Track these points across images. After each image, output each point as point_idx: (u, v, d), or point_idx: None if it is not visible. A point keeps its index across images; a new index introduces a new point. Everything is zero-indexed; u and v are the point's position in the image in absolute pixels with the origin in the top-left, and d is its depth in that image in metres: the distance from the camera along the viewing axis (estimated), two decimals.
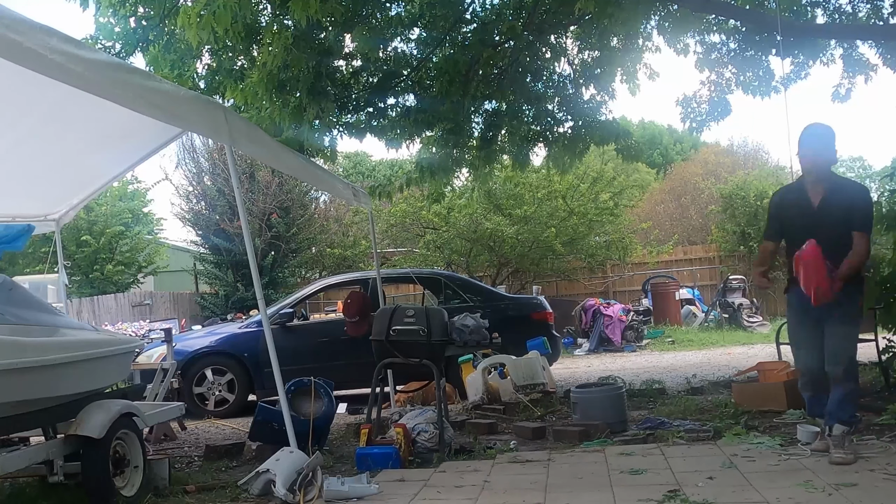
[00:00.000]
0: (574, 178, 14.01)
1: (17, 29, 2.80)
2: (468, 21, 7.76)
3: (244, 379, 7.90)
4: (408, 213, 15.25)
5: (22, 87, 3.76)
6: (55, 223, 6.16)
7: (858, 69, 7.96)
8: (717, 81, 8.41)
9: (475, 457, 4.87)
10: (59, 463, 4.07)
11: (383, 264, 13.64)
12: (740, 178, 18.40)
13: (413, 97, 7.85)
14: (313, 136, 6.98)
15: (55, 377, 3.97)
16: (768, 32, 7.43)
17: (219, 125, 4.26)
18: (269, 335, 4.43)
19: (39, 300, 4.92)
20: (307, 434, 4.68)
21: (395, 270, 12.54)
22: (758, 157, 28.29)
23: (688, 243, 19.65)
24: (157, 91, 3.75)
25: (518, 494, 3.82)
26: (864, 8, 7.99)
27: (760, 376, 6.03)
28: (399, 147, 8.02)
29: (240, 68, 6.86)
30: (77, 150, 5.06)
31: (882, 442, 4.38)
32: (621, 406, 5.57)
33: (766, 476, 3.78)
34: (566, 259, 15.43)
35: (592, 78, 8.24)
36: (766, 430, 4.94)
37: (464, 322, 5.77)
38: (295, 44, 5.92)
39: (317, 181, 7.36)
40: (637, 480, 3.92)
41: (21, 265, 15.37)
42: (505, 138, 8.51)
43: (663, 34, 7.82)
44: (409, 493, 3.98)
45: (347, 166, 29.55)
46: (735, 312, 14.03)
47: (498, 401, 6.68)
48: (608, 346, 12.70)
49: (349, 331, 6.52)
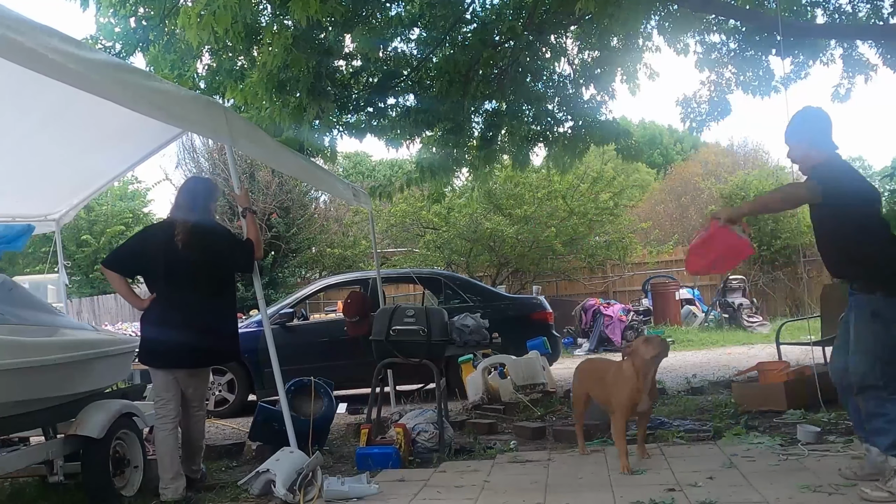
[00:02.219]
0: (574, 178, 14.01)
1: (18, 29, 2.80)
2: (468, 21, 7.77)
3: (244, 379, 7.90)
4: (408, 213, 15.25)
5: (22, 88, 3.76)
6: (55, 223, 6.15)
7: (858, 69, 7.96)
8: (717, 81, 8.41)
9: (475, 457, 4.87)
10: (59, 463, 4.08)
11: (383, 264, 13.63)
12: (740, 178, 18.40)
13: (413, 97, 7.86)
14: (313, 136, 6.98)
15: (55, 377, 3.97)
16: (768, 32, 7.43)
17: (219, 125, 4.26)
18: (269, 335, 4.43)
19: (39, 300, 4.92)
20: (307, 434, 4.67)
21: (395, 270, 12.54)
22: (758, 157, 28.29)
23: (688, 243, 19.60)
24: (157, 91, 3.75)
25: (518, 494, 3.82)
26: (863, 8, 7.99)
27: (760, 376, 6.02)
28: (399, 147, 8.03)
29: (240, 68, 6.86)
30: (77, 150, 5.05)
31: None
32: None
33: (766, 476, 3.78)
34: (566, 259, 15.43)
35: (592, 78, 8.24)
36: (766, 430, 4.94)
37: (464, 322, 5.77)
38: (295, 44, 5.92)
39: (317, 181, 7.35)
40: (637, 480, 3.92)
41: (21, 265, 15.38)
42: (505, 138, 8.51)
43: (663, 34, 7.83)
44: (409, 493, 3.98)
45: (347, 166, 29.56)
46: (735, 312, 14.02)
47: (498, 401, 6.67)
48: (608, 346, 12.69)
49: (349, 331, 6.51)
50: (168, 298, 4.35)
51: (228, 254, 4.40)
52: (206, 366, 4.59)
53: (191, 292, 4.30)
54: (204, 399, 4.62)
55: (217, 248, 4.38)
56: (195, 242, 4.32)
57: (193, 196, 4.55)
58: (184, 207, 4.48)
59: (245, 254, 4.38)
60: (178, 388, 4.36)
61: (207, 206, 4.56)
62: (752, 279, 15.76)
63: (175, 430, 4.35)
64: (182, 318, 4.26)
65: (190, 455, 4.53)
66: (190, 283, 4.30)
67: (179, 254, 4.31)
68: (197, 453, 4.60)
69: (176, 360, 4.32)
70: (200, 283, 4.31)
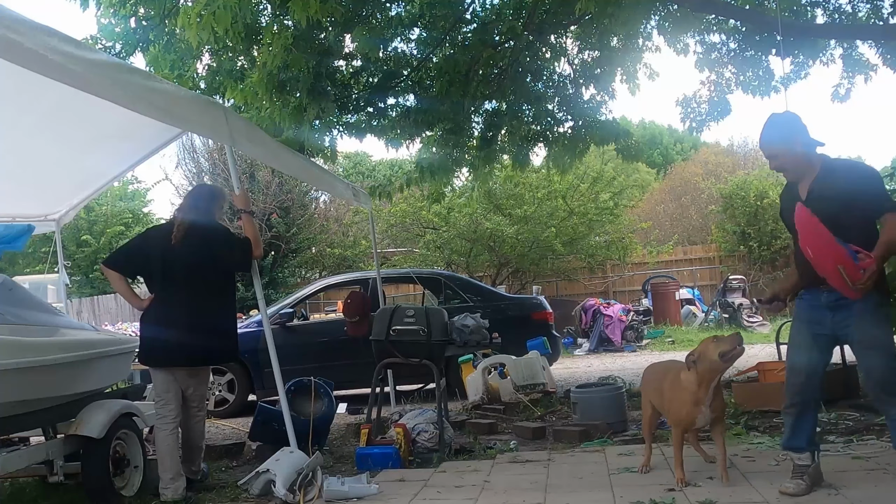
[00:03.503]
0: (574, 178, 14.01)
1: (18, 29, 2.80)
2: (468, 21, 7.76)
3: (244, 379, 7.90)
4: (408, 213, 15.25)
5: (22, 88, 3.76)
6: (55, 223, 6.16)
7: (858, 69, 7.95)
8: (716, 81, 8.40)
9: (475, 457, 4.87)
10: (59, 463, 4.08)
11: (383, 264, 13.63)
12: (740, 178, 18.40)
13: (413, 97, 7.85)
14: (313, 137, 6.98)
15: (55, 377, 3.97)
16: (768, 32, 7.43)
17: (219, 125, 4.26)
18: (269, 335, 4.43)
19: (39, 300, 4.93)
20: (307, 434, 4.68)
21: (395, 270, 12.54)
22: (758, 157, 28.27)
23: (688, 243, 19.65)
24: (157, 91, 3.75)
25: (518, 494, 3.82)
26: (863, 8, 7.99)
27: (760, 376, 6.02)
28: (399, 147, 8.04)
29: (240, 68, 6.86)
30: (77, 150, 5.06)
31: (882, 442, 4.38)
32: (621, 406, 5.58)
33: (766, 476, 3.78)
34: (566, 259, 15.44)
35: (592, 78, 8.24)
36: (766, 430, 4.94)
37: (464, 322, 5.78)
38: (295, 44, 5.92)
39: (317, 181, 7.36)
40: (637, 480, 3.92)
41: (21, 265, 15.39)
42: (505, 138, 8.50)
43: (663, 34, 7.83)
44: (409, 493, 3.98)
45: (347, 166, 29.55)
46: (735, 312, 14.02)
47: (498, 401, 6.68)
48: (608, 346, 12.69)
49: (349, 331, 6.52)
50: (166, 298, 4.35)
51: (226, 252, 4.40)
52: (203, 365, 4.57)
53: (188, 292, 4.30)
54: (204, 399, 4.61)
55: (214, 246, 4.39)
56: (192, 241, 4.33)
57: (196, 198, 4.61)
58: (185, 208, 4.52)
59: (243, 252, 4.38)
60: (178, 387, 4.37)
61: (210, 208, 4.56)
62: (752, 279, 15.75)
63: (175, 430, 4.35)
64: (180, 318, 4.27)
65: (189, 456, 4.52)
66: (187, 282, 4.30)
67: (177, 253, 4.31)
68: (197, 454, 4.58)
69: (174, 360, 4.33)
70: (198, 283, 4.31)
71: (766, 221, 16.24)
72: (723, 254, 17.34)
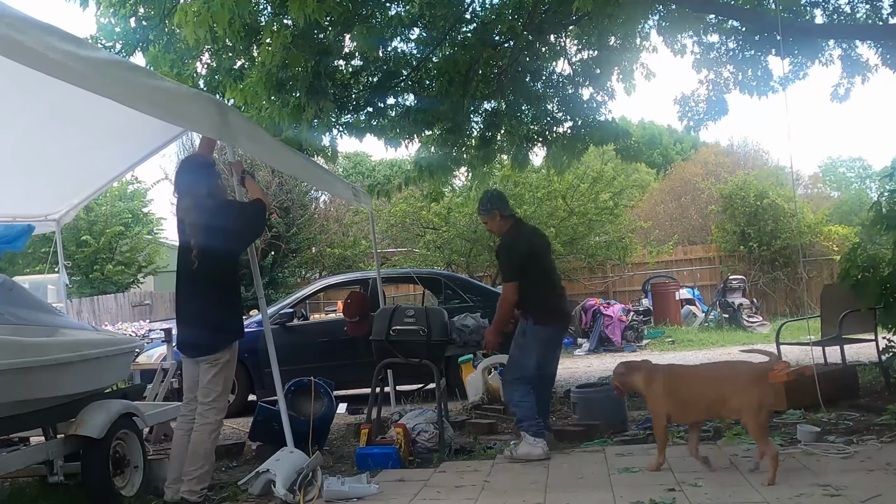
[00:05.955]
0: (574, 178, 14.00)
1: (18, 27, 2.79)
2: (468, 21, 7.77)
3: (244, 379, 7.89)
4: (408, 213, 15.25)
5: (22, 86, 3.76)
6: (55, 223, 6.15)
7: (857, 69, 7.94)
8: (715, 81, 8.40)
9: (475, 457, 4.87)
10: (59, 463, 4.08)
11: (383, 264, 13.63)
12: (740, 178, 18.39)
13: (413, 97, 7.85)
14: (312, 136, 6.97)
15: (55, 377, 3.97)
16: (767, 32, 7.42)
17: (220, 124, 4.24)
18: (269, 335, 4.43)
19: (39, 300, 4.93)
20: (307, 434, 4.68)
21: (395, 270, 12.54)
22: (758, 157, 28.31)
23: (688, 243, 19.64)
24: (158, 89, 3.72)
25: (518, 494, 3.82)
26: (863, 8, 7.98)
27: None
28: (398, 147, 8.02)
29: (239, 68, 6.86)
30: (77, 150, 5.05)
31: (882, 442, 4.38)
32: (621, 406, 5.57)
33: (767, 476, 3.78)
34: (566, 259, 15.42)
35: (592, 78, 8.23)
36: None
37: (464, 322, 5.77)
38: (294, 43, 5.92)
39: (317, 181, 7.35)
40: (637, 480, 3.92)
41: (21, 265, 15.36)
42: (504, 138, 8.50)
43: (662, 34, 7.82)
44: (409, 493, 3.98)
45: (347, 166, 29.55)
46: (735, 312, 14.02)
47: (498, 401, 6.66)
48: (608, 346, 12.69)
49: (349, 331, 6.51)
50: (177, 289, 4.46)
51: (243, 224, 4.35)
52: (192, 357, 4.31)
53: (186, 282, 4.34)
54: (208, 399, 4.16)
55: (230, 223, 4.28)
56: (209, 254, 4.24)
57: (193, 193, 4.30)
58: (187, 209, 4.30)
59: (257, 213, 4.39)
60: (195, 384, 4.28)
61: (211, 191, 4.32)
62: (751, 279, 15.75)
63: (189, 431, 4.19)
64: (178, 308, 4.42)
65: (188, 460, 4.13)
66: (186, 272, 4.32)
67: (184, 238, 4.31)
68: (193, 462, 4.09)
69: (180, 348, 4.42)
70: (195, 274, 4.24)
71: (766, 221, 16.23)
72: (723, 254, 17.33)
